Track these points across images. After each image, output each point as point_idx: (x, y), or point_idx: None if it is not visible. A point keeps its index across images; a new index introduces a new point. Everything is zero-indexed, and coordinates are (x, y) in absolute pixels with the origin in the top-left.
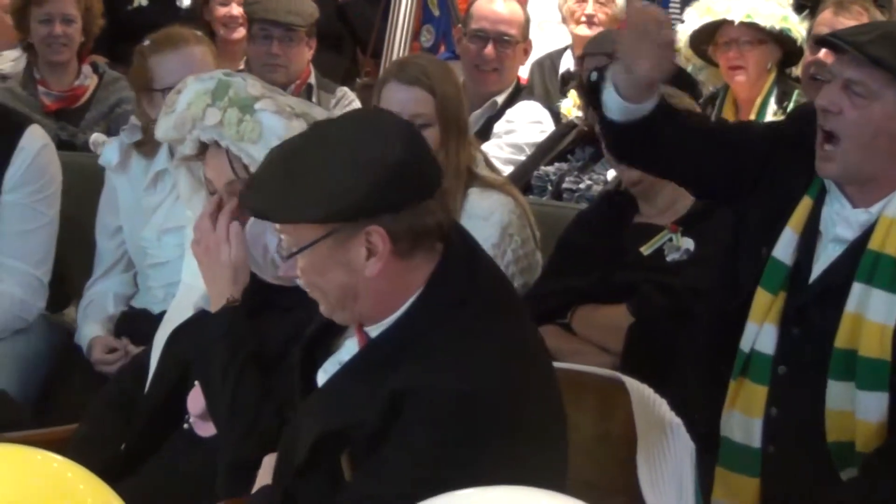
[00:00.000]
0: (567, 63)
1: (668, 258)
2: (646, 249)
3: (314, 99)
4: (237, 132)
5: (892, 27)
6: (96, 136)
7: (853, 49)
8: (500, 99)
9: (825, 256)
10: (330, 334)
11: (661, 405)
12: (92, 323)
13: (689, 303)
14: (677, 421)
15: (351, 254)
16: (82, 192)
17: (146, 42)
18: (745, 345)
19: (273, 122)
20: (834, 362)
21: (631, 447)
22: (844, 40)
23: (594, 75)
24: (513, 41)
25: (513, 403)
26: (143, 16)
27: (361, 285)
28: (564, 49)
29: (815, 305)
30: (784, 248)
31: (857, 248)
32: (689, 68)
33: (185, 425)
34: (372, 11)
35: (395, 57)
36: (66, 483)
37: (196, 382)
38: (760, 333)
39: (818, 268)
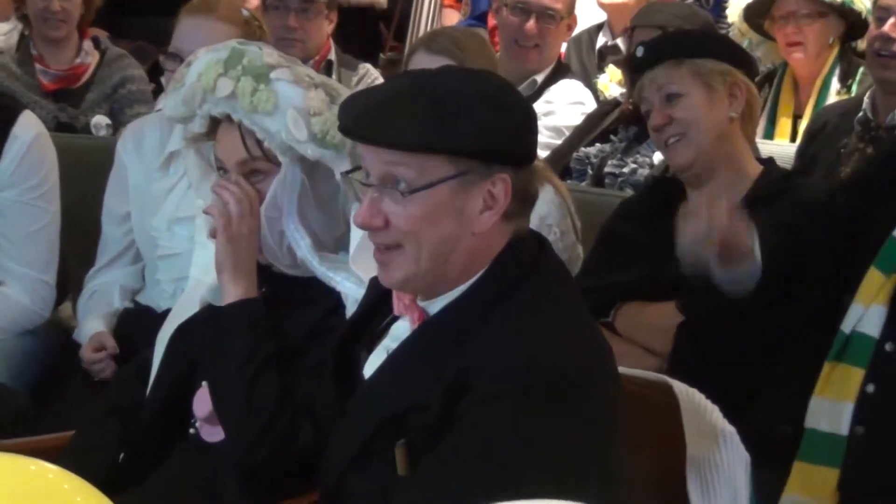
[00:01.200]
0: (604, 38)
1: None
2: None
3: (334, 76)
4: (251, 103)
5: None
6: (98, 119)
7: None
8: (540, 78)
9: None
10: (368, 324)
11: (713, 412)
12: (95, 318)
13: (745, 301)
14: (730, 429)
15: (470, 202)
16: (82, 178)
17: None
18: (846, 326)
19: (290, 92)
20: None
21: (679, 456)
22: None
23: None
24: (557, 16)
25: (581, 379)
26: None
27: (463, 241)
28: (601, 24)
29: None
30: None
31: None
32: (745, 43)
33: (192, 430)
34: None
35: (421, 32)
36: (61, 495)
37: (203, 384)
38: (866, 315)
39: None
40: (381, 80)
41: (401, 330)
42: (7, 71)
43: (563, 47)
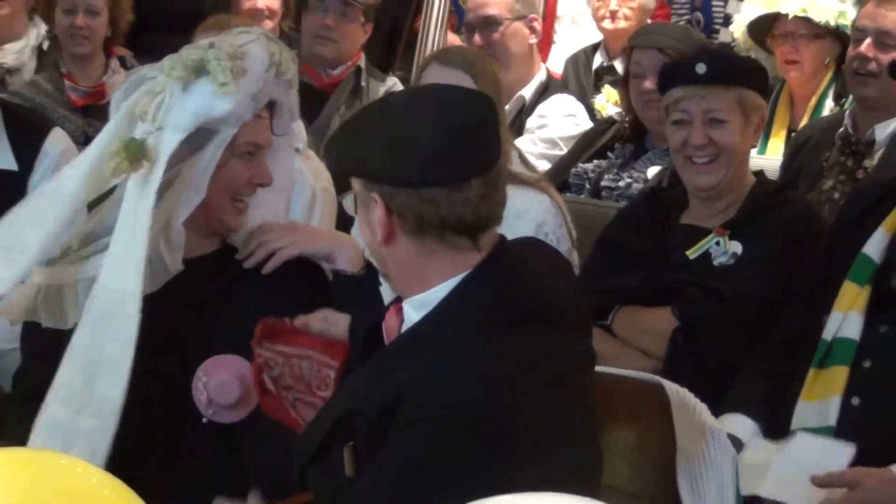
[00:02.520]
0: (600, 59)
1: (715, 262)
2: (692, 253)
3: (363, 83)
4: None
5: None
6: None
7: None
8: (528, 94)
9: None
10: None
11: (702, 410)
12: None
13: (736, 308)
14: (718, 426)
15: (372, 216)
16: None
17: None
18: (827, 334)
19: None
20: None
21: (670, 452)
22: None
23: None
24: (496, 21)
25: (505, 416)
26: (167, 6)
27: (382, 251)
28: (597, 44)
29: None
30: (874, 246)
31: None
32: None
33: (204, 419)
34: (405, 7)
35: (427, 50)
36: (91, 489)
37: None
38: (845, 320)
39: None
40: None
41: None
42: (38, 88)
43: (560, 66)
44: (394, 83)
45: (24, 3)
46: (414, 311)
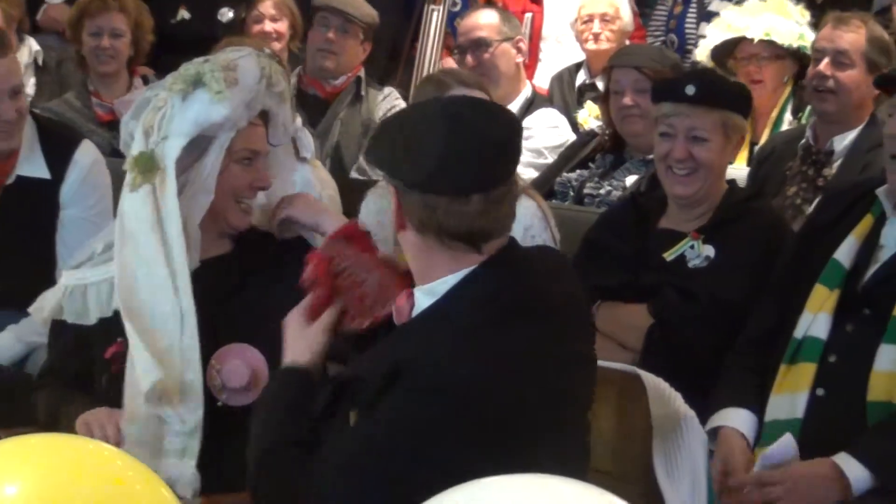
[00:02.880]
0: (583, 77)
1: (690, 264)
2: (669, 255)
3: (362, 91)
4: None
5: None
6: None
7: None
8: (515, 108)
9: (885, 255)
10: None
11: (676, 398)
12: None
13: (708, 308)
14: (691, 413)
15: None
16: None
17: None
18: (798, 333)
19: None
20: (890, 328)
21: (647, 438)
22: None
23: None
24: (486, 42)
25: (499, 401)
26: (186, 29)
27: (398, 237)
28: (580, 63)
29: (878, 286)
30: (845, 253)
31: None
32: None
33: (219, 403)
34: (404, 30)
35: (425, 68)
36: (116, 471)
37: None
38: (815, 321)
39: (873, 267)
40: (401, 100)
41: None
42: (69, 104)
43: (546, 82)
44: (390, 91)
45: (10, 24)
46: (423, 297)
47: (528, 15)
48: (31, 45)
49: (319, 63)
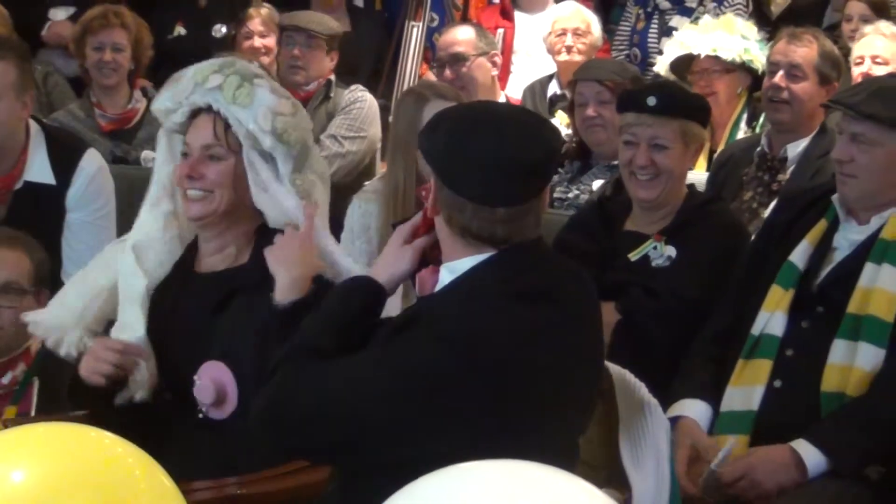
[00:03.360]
0: (554, 88)
1: (653, 264)
2: (633, 256)
3: (331, 93)
4: (233, 95)
5: (880, 83)
6: (146, 153)
7: (850, 111)
8: None
9: (839, 256)
10: None
11: (641, 388)
12: None
13: (670, 305)
14: (655, 402)
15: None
16: (133, 200)
17: None
18: (755, 330)
19: (265, 96)
20: (844, 324)
21: (614, 426)
22: (843, 103)
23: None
24: (463, 56)
25: (509, 367)
26: (182, 44)
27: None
28: (551, 75)
29: (831, 286)
30: (799, 256)
31: (870, 241)
32: None
33: (200, 415)
34: (386, 42)
35: (406, 81)
36: (117, 458)
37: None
38: (771, 319)
39: (827, 268)
40: (370, 97)
41: None
42: (73, 115)
43: (519, 93)
44: (356, 87)
45: None
46: (448, 273)
47: (501, 30)
48: None
49: (290, 78)
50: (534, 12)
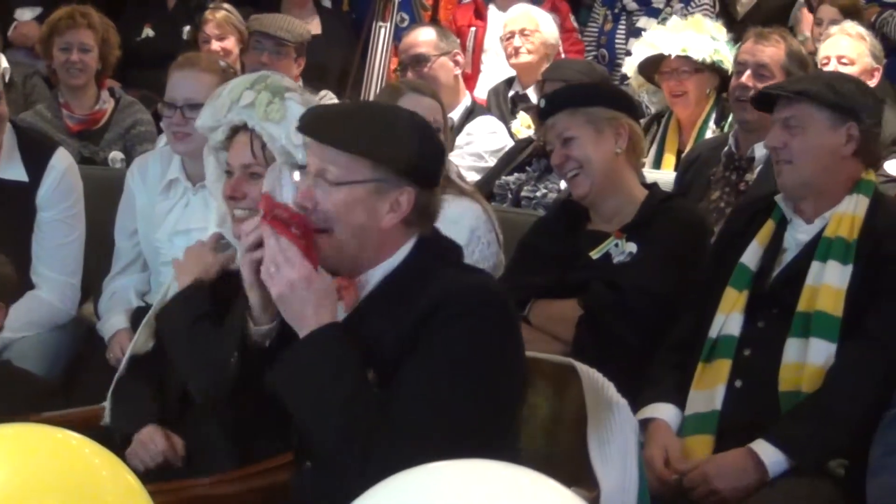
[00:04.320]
0: (515, 89)
1: (615, 260)
2: (595, 254)
3: None
4: (264, 112)
5: (815, 72)
6: (114, 154)
7: (779, 90)
8: (456, 116)
9: (788, 257)
10: None
11: (609, 387)
12: (117, 314)
13: (631, 298)
14: (623, 401)
15: (380, 202)
16: (101, 201)
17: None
18: (712, 332)
19: (297, 109)
20: (794, 323)
21: (582, 425)
22: (772, 88)
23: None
24: (425, 57)
25: (510, 310)
26: (150, 45)
27: (371, 232)
28: (513, 77)
29: (782, 286)
30: (750, 257)
31: (815, 240)
32: (643, 92)
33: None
34: (352, 50)
35: (374, 82)
36: (83, 457)
37: None
38: (727, 320)
39: (778, 269)
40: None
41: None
42: (40, 115)
43: (484, 91)
44: (326, 94)
45: None
46: (375, 273)
47: (473, 29)
48: (2, 62)
49: None
50: (507, 8)
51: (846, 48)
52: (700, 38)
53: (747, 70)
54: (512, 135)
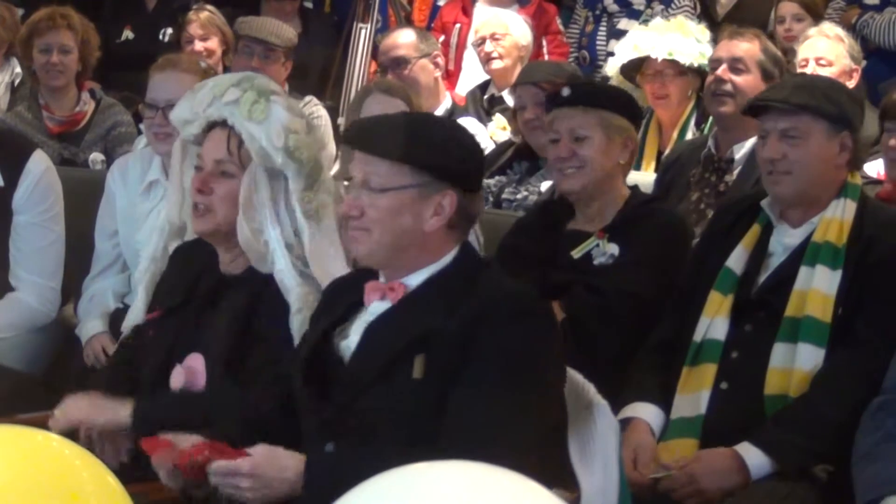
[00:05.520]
0: (491, 91)
1: (596, 262)
2: (576, 253)
3: None
4: (248, 111)
5: (803, 79)
6: (95, 156)
7: (780, 103)
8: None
9: (775, 262)
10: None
11: (590, 388)
12: (94, 318)
13: (614, 302)
14: (603, 403)
15: (424, 206)
16: (81, 203)
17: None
18: (697, 336)
19: (280, 113)
20: (782, 328)
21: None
22: (770, 99)
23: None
24: (405, 60)
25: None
26: (130, 47)
27: (416, 235)
28: (488, 81)
29: (770, 291)
30: (736, 261)
31: (803, 245)
32: None
33: None
34: (333, 50)
35: (354, 83)
36: (63, 459)
37: (177, 364)
38: (712, 324)
39: (765, 274)
40: (324, 112)
41: (378, 307)
42: (20, 117)
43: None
44: (310, 99)
45: (1, 45)
46: (416, 276)
47: (458, 25)
48: (14, 66)
49: None
50: (503, 5)
51: (824, 50)
52: (686, 42)
53: (722, 65)
54: (489, 137)
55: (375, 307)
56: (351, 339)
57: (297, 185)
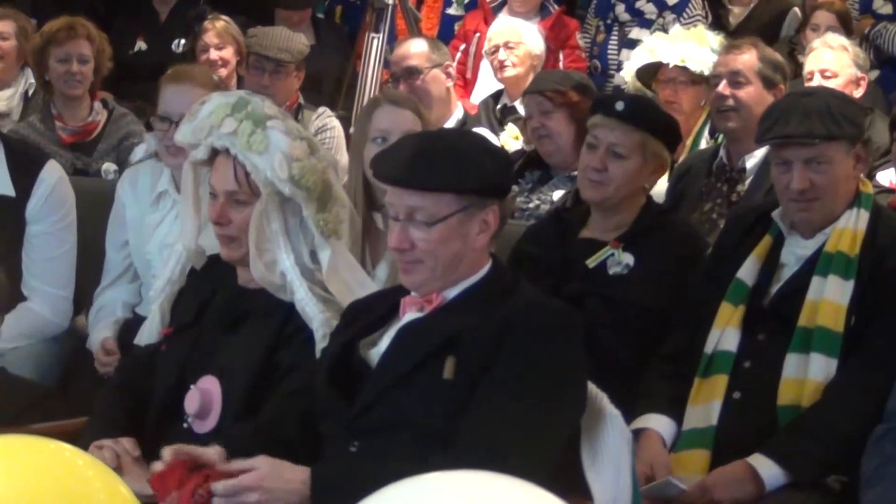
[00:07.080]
0: (503, 101)
1: (611, 271)
2: (591, 262)
3: (300, 115)
4: (247, 142)
5: (819, 103)
6: (107, 166)
7: (806, 139)
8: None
9: (787, 272)
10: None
11: (603, 398)
12: (102, 329)
13: (629, 314)
14: (616, 412)
15: (471, 227)
16: (94, 213)
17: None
18: (708, 348)
19: (280, 139)
20: (795, 338)
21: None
22: (793, 136)
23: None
24: (417, 70)
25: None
26: (143, 58)
27: (467, 254)
28: (501, 90)
29: (782, 302)
30: (747, 272)
31: (815, 255)
32: None
33: (185, 425)
34: (346, 60)
35: (366, 92)
36: (76, 469)
37: (192, 385)
38: (723, 335)
39: (777, 284)
40: (336, 123)
41: (412, 316)
42: (33, 128)
43: (480, 98)
44: (324, 110)
45: (17, 56)
46: (454, 289)
47: (477, 35)
48: (29, 76)
49: None
50: (524, 16)
51: (829, 61)
52: (700, 51)
53: (723, 80)
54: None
55: (409, 316)
56: (381, 346)
57: (310, 210)
